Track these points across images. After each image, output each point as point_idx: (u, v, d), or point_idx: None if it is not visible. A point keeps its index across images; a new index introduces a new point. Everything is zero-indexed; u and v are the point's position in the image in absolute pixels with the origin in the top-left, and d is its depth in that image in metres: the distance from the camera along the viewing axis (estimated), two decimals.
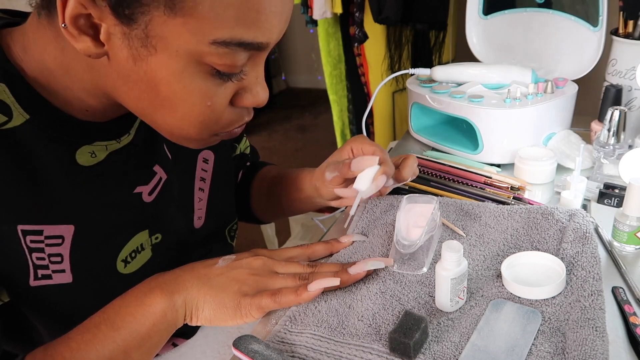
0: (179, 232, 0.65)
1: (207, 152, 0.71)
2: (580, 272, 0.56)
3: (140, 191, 0.59)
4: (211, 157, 0.71)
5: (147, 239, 0.60)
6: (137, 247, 0.59)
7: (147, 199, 0.60)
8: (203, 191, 0.70)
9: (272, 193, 0.81)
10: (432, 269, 0.61)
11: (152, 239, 0.61)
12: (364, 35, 1.59)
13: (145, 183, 0.60)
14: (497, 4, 1.04)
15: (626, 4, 0.88)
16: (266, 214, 0.87)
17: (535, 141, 0.87)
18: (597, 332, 0.48)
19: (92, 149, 0.53)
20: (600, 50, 0.91)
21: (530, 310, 0.53)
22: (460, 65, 0.97)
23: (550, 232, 0.64)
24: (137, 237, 0.59)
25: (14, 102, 0.47)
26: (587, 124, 0.93)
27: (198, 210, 0.69)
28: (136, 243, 0.59)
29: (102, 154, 0.55)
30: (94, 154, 0.54)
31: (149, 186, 0.60)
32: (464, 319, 0.53)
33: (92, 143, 0.53)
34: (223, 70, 0.46)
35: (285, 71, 4.08)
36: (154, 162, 0.61)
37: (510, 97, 0.86)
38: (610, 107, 0.78)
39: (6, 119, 0.47)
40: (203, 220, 0.70)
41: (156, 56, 0.43)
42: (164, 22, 0.41)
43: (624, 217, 0.63)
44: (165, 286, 0.53)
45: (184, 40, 0.42)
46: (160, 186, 0.62)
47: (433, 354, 0.49)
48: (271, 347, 0.50)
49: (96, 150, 0.54)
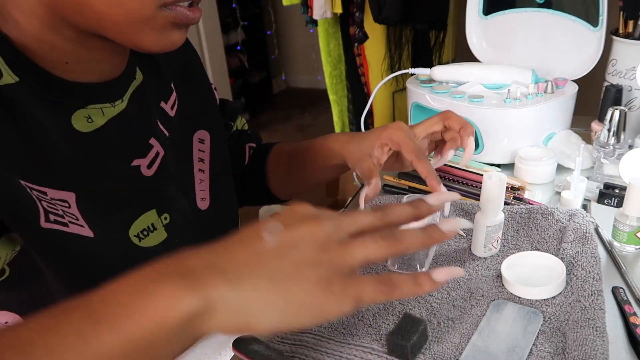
0: (184, 212, 0.64)
1: (203, 132, 0.70)
2: (580, 272, 0.56)
3: (138, 164, 0.58)
4: (207, 137, 0.71)
5: (157, 219, 0.60)
6: (148, 227, 0.59)
7: (146, 173, 0.59)
8: (203, 172, 0.69)
9: (294, 168, 0.80)
10: None
11: (162, 219, 0.61)
12: (364, 35, 1.59)
13: (143, 156, 0.59)
14: (497, 4, 1.04)
15: (626, 4, 0.88)
16: (287, 191, 0.86)
17: (535, 141, 0.87)
18: (597, 332, 0.48)
19: (87, 113, 0.53)
20: (600, 50, 0.91)
21: (531, 310, 0.53)
22: (460, 65, 0.97)
23: (550, 232, 0.64)
24: (145, 216, 0.58)
25: (2, 62, 0.47)
26: (587, 124, 0.93)
27: (200, 192, 0.68)
28: (146, 222, 0.58)
29: (100, 119, 0.54)
30: (90, 119, 0.53)
31: (147, 159, 0.59)
32: (465, 319, 0.53)
33: (85, 106, 0.53)
34: None
35: (285, 71, 4.08)
36: (149, 135, 0.60)
37: (510, 97, 0.86)
38: (610, 107, 0.78)
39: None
40: (208, 202, 0.69)
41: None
42: None
43: (624, 217, 0.63)
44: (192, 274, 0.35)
45: None
46: (158, 161, 0.61)
47: (433, 355, 0.49)
48: (271, 347, 0.50)
49: (92, 114, 0.53)
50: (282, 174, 0.83)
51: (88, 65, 0.54)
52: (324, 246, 0.38)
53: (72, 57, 0.52)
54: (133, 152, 0.58)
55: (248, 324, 0.35)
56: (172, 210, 0.62)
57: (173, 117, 0.65)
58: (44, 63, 0.50)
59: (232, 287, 0.35)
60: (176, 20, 0.50)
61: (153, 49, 0.52)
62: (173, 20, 0.50)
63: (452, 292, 0.58)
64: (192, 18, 0.51)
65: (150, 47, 0.51)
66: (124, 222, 0.56)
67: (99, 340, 0.31)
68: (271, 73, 3.92)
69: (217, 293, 0.34)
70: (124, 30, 0.49)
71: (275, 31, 3.83)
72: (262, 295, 0.35)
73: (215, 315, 0.34)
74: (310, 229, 0.39)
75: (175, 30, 0.52)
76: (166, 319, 0.33)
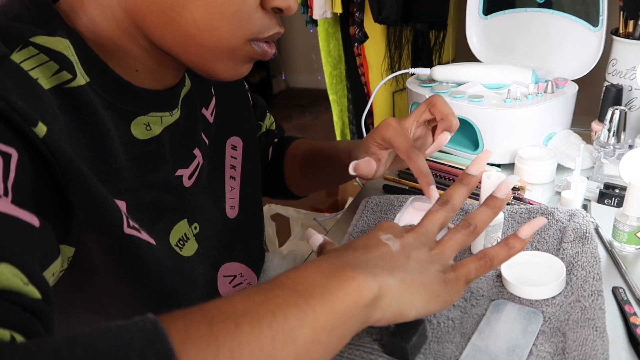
0: (213, 221, 0.63)
1: (236, 139, 0.69)
2: (580, 272, 0.56)
3: (181, 174, 0.57)
4: (239, 144, 0.70)
5: (188, 229, 0.59)
6: (182, 237, 0.58)
7: (186, 184, 0.58)
8: (234, 179, 0.68)
9: (307, 168, 0.80)
10: None
11: (192, 229, 0.59)
12: (364, 35, 1.58)
13: (186, 166, 0.58)
14: (497, 4, 1.04)
15: (626, 4, 0.88)
16: (302, 189, 0.86)
17: (535, 141, 0.87)
18: (597, 332, 0.48)
19: (147, 120, 0.52)
20: (601, 50, 0.91)
21: (531, 310, 0.53)
22: (460, 65, 0.97)
23: (550, 232, 0.64)
24: (178, 226, 0.57)
25: (77, 62, 0.46)
26: (587, 124, 0.93)
27: (230, 200, 0.67)
28: (179, 232, 0.57)
29: (157, 127, 0.53)
30: (149, 127, 0.52)
31: (189, 170, 0.59)
32: (465, 319, 0.53)
33: (147, 113, 0.52)
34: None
35: (285, 71, 4.08)
36: (194, 145, 0.60)
37: (510, 97, 0.86)
38: (611, 107, 0.78)
39: (71, 77, 0.44)
40: (237, 210, 0.68)
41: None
42: None
43: (624, 217, 0.62)
44: (364, 267, 0.41)
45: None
46: (197, 171, 0.60)
47: (433, 355, 0.49)
48: None
49: (151, 122, 0.52)
50: (297, 174, 0.82)
51: (154, 75, 0.53)
52: (430, 247, 0.47)
53: (142, 66, 0.51)
54: (178, 162, 0.57)
55: (402, 309, 0.41)
56: (201, 220, 0.61)
57: (211, 123, 0.64)
58: (115, 66, 0.49)
59: (392, 277, 0.41)
60: (256, 55, 0.51)
61: (222, 77, 0.52)
62: (253, 54, 0.51)
63: None
64: (269, 54, 0.52)
65: (220, 74, 0.52)
66: (162, 232, 0.55)
67: (314, 312, 0.35)
68: (271, 73, 3.92)
69: (384, 281, 0.40)
70: (204, 56, 0.49)
71: None
72: (409, 285, 0.42)
73: (384, 300, 0.40)
74: (414, 237, 0.47)
75: (247, 64, 0.52)
76: (360, 298, 0.38)
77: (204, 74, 0.52)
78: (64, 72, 0.44)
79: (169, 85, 0.55)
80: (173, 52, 0.50)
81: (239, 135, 0.70)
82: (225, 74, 0.52)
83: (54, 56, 0.43)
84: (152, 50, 0.50)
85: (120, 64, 0.50)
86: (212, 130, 0.65)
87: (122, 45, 0.49)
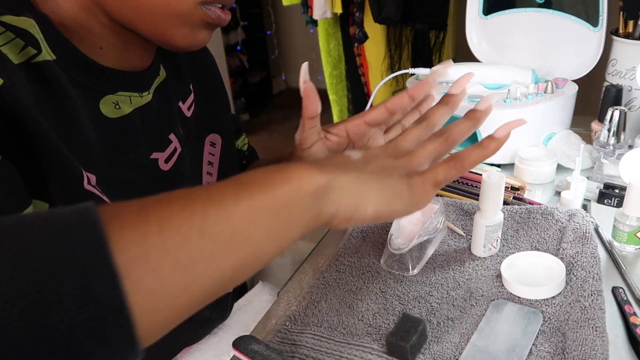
0: None
1: (215, 136, 0.71)
2: (580, 272, 0.56)
3: (156, 157, 0.59)
4: (218, 141, 0.71)
5: None
6: None
7: (163, 167, 0.60)
8: (211, 175, 0.70)
9: None
10: (423, 270, 0.62)
11: None
12: (364, 35, 1.59)
13: (162, 149, 0.60)
14: (497, 4, 1.04)
15: (626, 4, 0.89)
16: None
17: (535, 141, 0.87)
18: (597, 332, 0.48)
19: (115, 99, 0.54)
20: (600, 50, 0.91)
21: (531, 310, 0.53)
22: (460, 65, 0.97)
23: (550, 232, 0.65)
24: None
25: (43, 40, 0.48)
26: (587, 124, 0.93)
27: None
28: None
29: (127, 107, 0.55)
30: (118, 105, 0.54)
31: (165, 153, 0.60)
32: (464, 319, 0.53)
33: (114, 92, 0.54)
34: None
35: (285, 71, 4.08)
36: (169, 130, 0.61)
37: (510, 97, 0.86)
38: (610, 107, 0.78)
39: (35, 52, 0.47)
40: None
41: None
42: None
43: (624, 217, 0.63)
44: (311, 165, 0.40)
45: None
46: (175, 157, 0.62)
47: (433, 355, 0.49)
48: (271, 347, 0.50)
49: (120, 101, 0.54)
50: None
51: (120, 54, 0.54)
52: (396, 156, 0.45)
53: (106, 43, 0.53)
54: (153, 145, 0.59)
55: (357, 204, 0.40)
56: None
57: (189, 118, 0.66)
58: (80, 45, 0.51)
59: (345, 175, 0.40)
60: (209, 19, 0.52)
61: (181, 45, 0.53)
62: (207, 19, 0.52)
63: (451, 292, 0.58)
64: (224, 19, 0.53)
65: (179, 42, 0.53)
66: None
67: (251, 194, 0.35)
68: (271, 73, 3.92)
69: (334, 176, 0.39)
70: (159, 23, 0.51)
71: (275, 31, 3.83)
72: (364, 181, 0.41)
73: (334, 193, 0.39)
74: (381, 149, 0.46)
75: (204, 30, 0.53)
76: (301, 186, 0.37)
77: (163, 44, 0.54)
78: (29, 47, 0.46)
79: (137, 67, 0.57)
80: (132, 25, 0.51)
81: (218, 133, 0.71)
82: (183, 42, 0.53)
83: (18, 33, 0.45)
84: (113, 26, 0.52)
85: (85, 42, 0.51)
86: (190, 124, 0.66)
87: (85, 24, 0.51)
